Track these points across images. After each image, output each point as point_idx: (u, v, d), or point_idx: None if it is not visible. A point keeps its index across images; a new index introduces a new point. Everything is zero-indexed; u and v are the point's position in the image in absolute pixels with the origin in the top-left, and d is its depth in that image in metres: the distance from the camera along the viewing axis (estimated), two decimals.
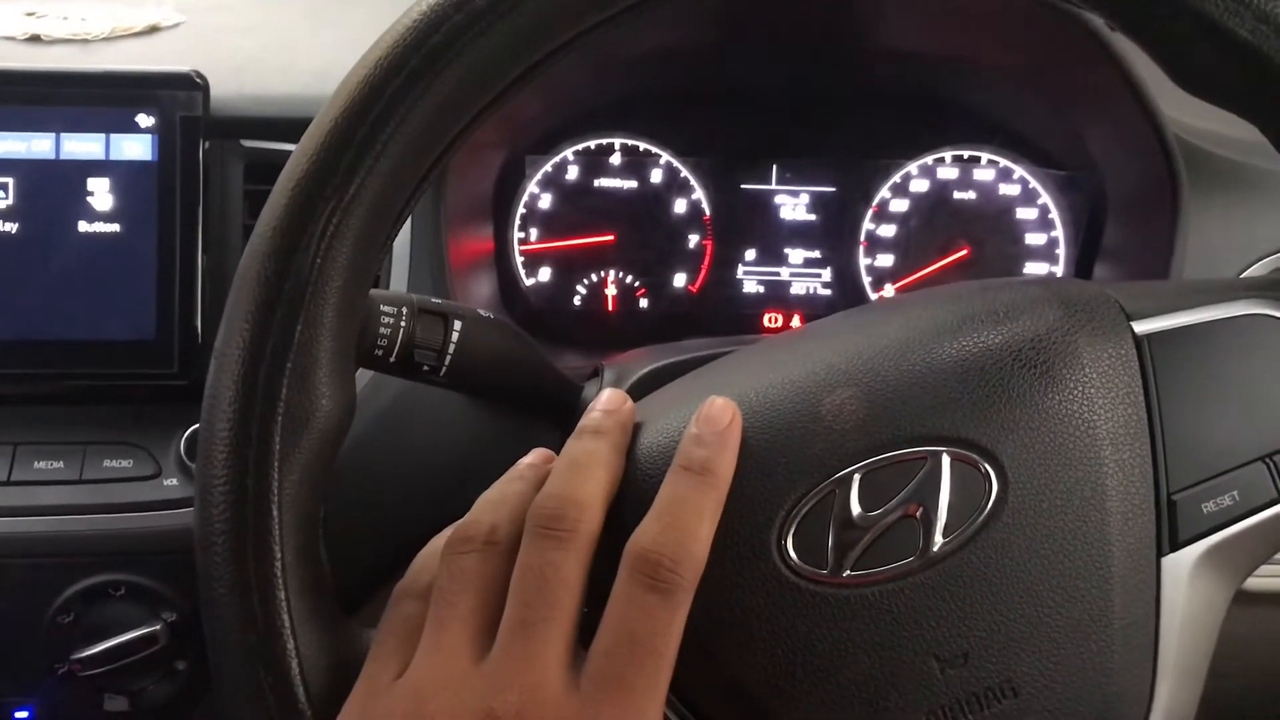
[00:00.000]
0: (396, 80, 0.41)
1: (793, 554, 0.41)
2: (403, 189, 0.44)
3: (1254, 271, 0.73)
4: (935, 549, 0.41)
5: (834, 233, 0.88)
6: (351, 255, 0.42)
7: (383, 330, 0.52)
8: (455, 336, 0.54)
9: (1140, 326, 0.44)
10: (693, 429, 0.43)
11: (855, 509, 0.41)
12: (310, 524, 0.43)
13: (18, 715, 0.71)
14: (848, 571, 0.41)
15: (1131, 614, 0.41)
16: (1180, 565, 0.42)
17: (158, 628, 0.67)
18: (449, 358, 0.54)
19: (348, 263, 0.42)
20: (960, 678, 0.40)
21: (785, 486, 0.42)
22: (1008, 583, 0.41)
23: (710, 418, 0.43)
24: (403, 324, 0.52)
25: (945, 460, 0.41)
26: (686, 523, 0.41)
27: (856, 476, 0.42)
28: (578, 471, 0.43)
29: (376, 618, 0.45)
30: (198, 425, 0.44)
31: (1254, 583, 0.46)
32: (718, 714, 0.42)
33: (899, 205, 0.87)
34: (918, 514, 0.41)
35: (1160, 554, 0.42)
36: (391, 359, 0.52)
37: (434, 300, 0.55)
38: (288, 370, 0.41)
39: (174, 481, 0.69)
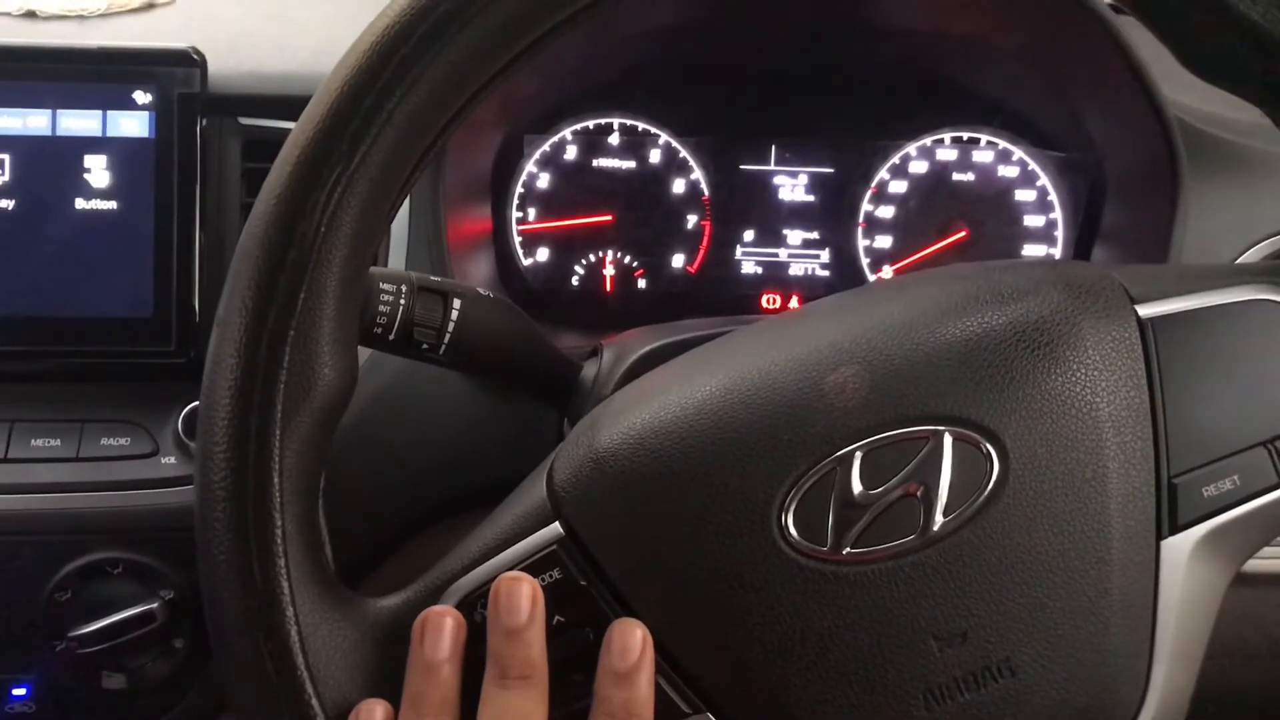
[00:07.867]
0: (405, 47, 0.41)
1: (793, 531, 0.41)
2: (407, 159, 0.43)
3: (1254, 254, 0.73)
4: (935, 528, 0.41)
5: (832, 214, 0.88)
6: (355, 224, 0.42)
7: (382, 308, 0.52)
8: (455, 314, 0.54)
9: (1144, 310, 0.44)
10: (609, 661, 0.41)
11: (856, 487, 0.41)
12: (311, 493, 0.43)
13: (15, 693, 0.71)
14: (847, 549, 0.41)
15: (1130, 596, 0.42)
16: (1180, 548, 0.42)
17: (155, 605, 0.67)
18: (448, 336, 0.54)
19: (352, 232, 0.42)
20: (958, 657, 0.40)
21: (786, 464, 0.42)
22: (1007, 563, 0.41)
23: (624, 649, 0.41)
24: (402, 301, 0.52)
25: (947, 440, 0.41)
26: None
27: (858, 455, 0.42)
28: None
29: (375, 592, 0.45)
30: (196, 402, 0.43)
31: (1250, 564, 0.46)
32: (716, 688, 0.42)
33: (898, 186, 0.86)
34: (919, 493, 0.41)
35: (1160, 537, 0.42)
36: (391, 337, 0.52)
37: (433, 278, 0.54)
38: (290, 338, 0.41)
39: (171, 459, 0.68)
